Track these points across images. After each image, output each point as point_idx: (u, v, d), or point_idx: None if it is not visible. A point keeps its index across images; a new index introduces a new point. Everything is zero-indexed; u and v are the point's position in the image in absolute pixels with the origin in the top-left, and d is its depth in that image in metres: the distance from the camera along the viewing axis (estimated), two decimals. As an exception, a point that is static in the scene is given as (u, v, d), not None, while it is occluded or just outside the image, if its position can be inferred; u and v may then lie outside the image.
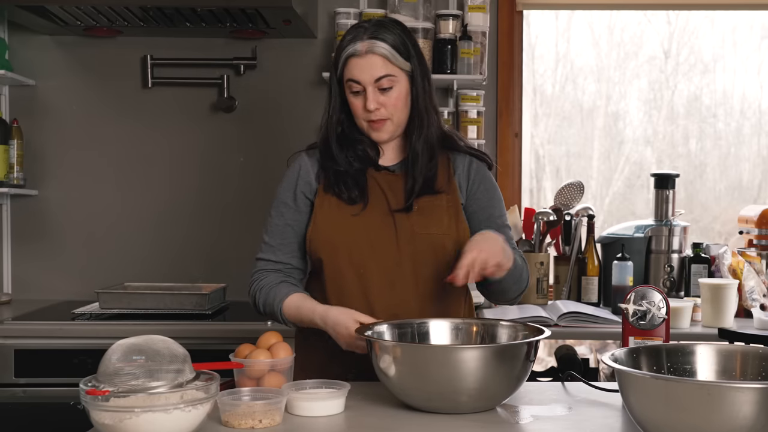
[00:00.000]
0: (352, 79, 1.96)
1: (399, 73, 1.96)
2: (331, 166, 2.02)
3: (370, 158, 2.04)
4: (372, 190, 2.01)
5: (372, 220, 1.99)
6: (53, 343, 2.76)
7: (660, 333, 1.83)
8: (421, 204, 2.00)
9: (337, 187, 2.00)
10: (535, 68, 3.73)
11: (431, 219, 1.99)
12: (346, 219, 1.99)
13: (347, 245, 1.98)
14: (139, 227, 3.42)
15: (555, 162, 3.79)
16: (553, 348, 3.29)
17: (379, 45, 1.95)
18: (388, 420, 1.62)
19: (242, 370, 1.73)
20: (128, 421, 1.41)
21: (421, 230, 1.98)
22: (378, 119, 1.97)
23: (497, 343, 1.81)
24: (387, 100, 1.96)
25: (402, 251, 1.98)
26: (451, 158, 2.06)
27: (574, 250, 3.16)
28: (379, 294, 1.98)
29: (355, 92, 1.97)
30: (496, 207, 2.07)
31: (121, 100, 3.42)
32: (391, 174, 2.04)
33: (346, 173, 2.01)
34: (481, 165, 2.08)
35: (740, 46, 3.72)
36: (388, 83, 1.95)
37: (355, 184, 2.00)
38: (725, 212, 3.76)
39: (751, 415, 1.27)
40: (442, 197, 2.01)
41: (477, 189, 2.05)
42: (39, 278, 3.40)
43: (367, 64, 1.94)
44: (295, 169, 2.07)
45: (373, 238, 1.98)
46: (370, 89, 1.95)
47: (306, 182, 2.05)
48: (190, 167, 3.43)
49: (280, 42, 3.37)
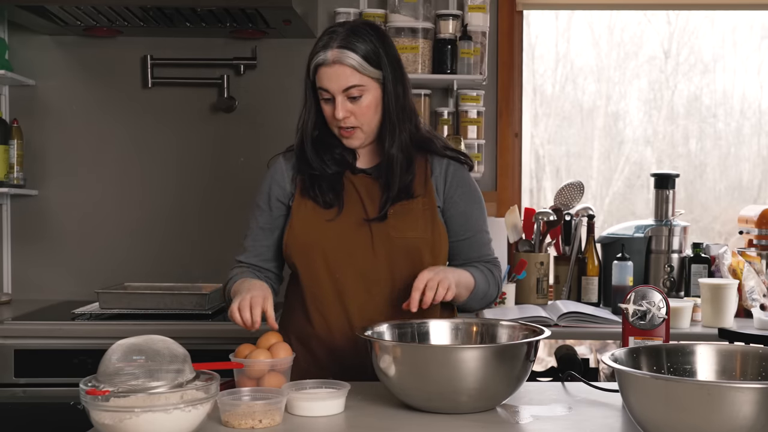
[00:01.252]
0: (321, 87, 1.96)
1: (369, 82, 1.95)
2: (306, 169, 2.02)
3: (346, 161, 2.04)
4: (348, 195, 2.01)
5: (347, 221, 1.99)
6: (53, 343, 2.76)
7: (660, 333, 1.83)
8: (397, 208, 1.99)
9: (312, 191, 2.00)
10: (535, 68, 3.73)
11: (406, 223, 1.99)
12: (322, 223, 1.99)
13: (322, 249, 1.98)
14: (139, 227, 3.42)
15: (555, 162, 3.79)
16: (553, 348, 3.29)
17: (348, 55, 1.92)
18: (388, 420, 1.62)
19: (242, 370, 1.73)
20: (128, 421, 1.41)
21: (396, 234, 1.98)
22: (348, 127, 1.97)
23: (497, 343, 1.81)
24: (356, 109, 1.96)
25: (378, 255, 1.98)
26: (429, 160, 2.06)
27: (574, 250, 3.16)
28: (354, 298, 1.98)
29: (326, 99, 1.97)
30: (474, 211, 2.08)
31: (121, 100, 3.42)
32: (368, 177, 2.04)
33: (321, 177, 2.01)
34: (460, 167, 2.08)
35: (740, 46, 3.72)
36: (357, 92, 1.94)
37: (331, 188, 2.00)
38: (725, 212, 3.76)
39: (751, 415, 1.27)
40: (417, 201, 2.01)
41: (455, 192, 2.05)
42: (39, 278, 3.40)
43: (335, 74, 1.93)
44: (270, 174, 2.08)
45: (349, 242, 1.98)
46: (339, 98, 1.94)
47: (280, 187, 2.05)
48: (190, 167, 3.43)
49: (280, 42, 3.37)
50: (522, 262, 3.04)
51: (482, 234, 2.08)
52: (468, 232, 2.06)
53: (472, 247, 2.08)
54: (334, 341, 2.00)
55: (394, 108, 1.99)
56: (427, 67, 3.21)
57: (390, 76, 1.97)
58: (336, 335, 2.00)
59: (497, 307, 2.97)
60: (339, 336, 2.00)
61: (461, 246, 2.07)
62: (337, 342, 2.00)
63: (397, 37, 3.18)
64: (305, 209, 2.01)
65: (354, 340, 1.95)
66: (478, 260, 2.09)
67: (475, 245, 2.08)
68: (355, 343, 1.95)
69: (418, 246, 1.99)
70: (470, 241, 2.07)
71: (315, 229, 1.99)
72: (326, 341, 2.01)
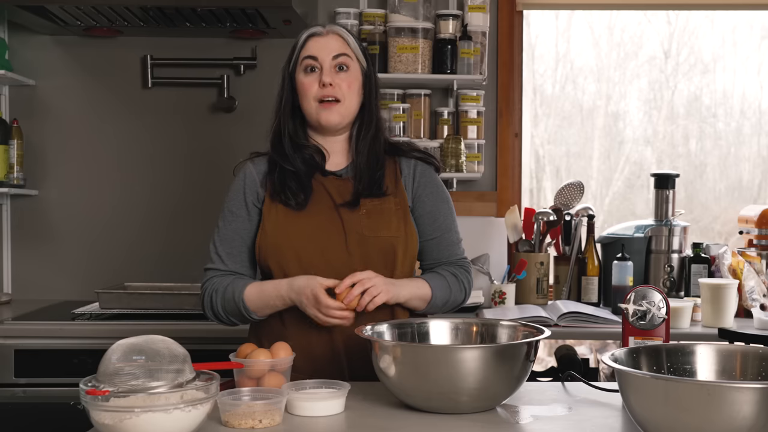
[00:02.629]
0: (310, 56, 2.01)
1: (355, 60, 2.04)
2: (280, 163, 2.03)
3: (316, 163, 2.04)
4: (319, 195, 2.02)
5: (319, 222, 1.99)
6: (53, 343, 2.76)
7: (660, 333, 1.83)
8: (370, 207, 2.00)
9: (283, 194, 2.00)
10: (535, 68, 3.73)
11: (380, 222, 1.99)
12: (293, 225, 1.98)
13: (295, 251, 1.97)
14: (139, 227, 3.42)
15: (555, 162, 3.79)
16: (553, 348, 3.29)
17: (340, 29, 2.05)
18: (388, 420, 1.62)
19: (242, 370, 1.73)
20: (128, 421, 1.41)
21: (370, 233, 1.98)
22: (330, 98, 2.00)
23: (497, 343, 1.81)
24: (341, 81, 2.00)
25: (352, 254, 1.98)
26: (397, 161, 2.08)
27: (574, 250, 3.16)
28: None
29: (311, 71, 2.01)
30: (442, 211, 2.08)
31: (121, 100, 3.42)
32: (338, 179, 2.04)
33: (292, 176, 2.01)
34: (427, 168, 2.10)
35: (740, 46, 3.72)
36: (344, 62, 2.01)
37: (301, 188, 2.00)
38: (725, 212, 3.76)
39: (751, 415, 1.27)
40: (390, 200, 2.02)
41: (423, 191, 2.06)
42: (39, 278, 3.40)
43: (327, 42, 2.02)
44: (241, 178, 2.07)
45: (322, 241, 1.98)
46: (326, 65, 2.00)
47: (253, 191, 2.04)
48: (190, 167, 3.43)
49: (280, 42, 3.37)
50: (522, 262, 3.04)
51: (450, 234, 2.09)
52: (436, 232, 2.07)
53: (440, 246, 2.08)
54: (310, 344, 1.98)
55: (373, 103, 2.06)
56: (427, 67, 3.21)
57: (372, 72, 2.07)
58: (312, 338, 1.98)
59: (497, 307, 2.97)
60: (315, 338, 1.98)
61: (430, 246, 2.08)
62: (313, 344, 1.98)
63: (397, 37, 3.18)
64: (276, 212, 2.00)
65: (329, 341, 1.96)
66: (447, 260, 2.09)
67: (443, 245, 2.08)
68: (332, 345, 1.96)
69: (393, 244, 1.99)
70: (438, 240, 2.08)
71: (287, 230, 1.98)
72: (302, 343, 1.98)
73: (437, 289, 2.03)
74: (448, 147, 3.21)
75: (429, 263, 2.10)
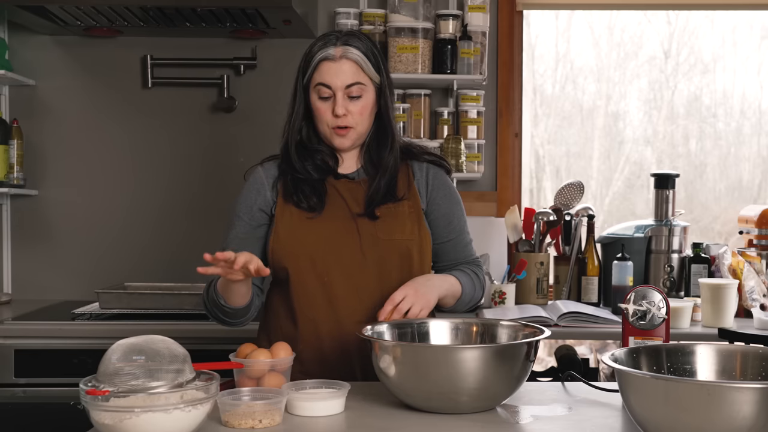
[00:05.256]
0: (322, 83, 1.97)
1: (368, 83, 1.99)
2: (290, 171, 2.02)
3: (329, 167, 2.04)
4: (332, 199, 2.01)
5: (334, 225, 1.99)
6: (53, 343, 2.76)
7: (660, 333, 1.83)
8: (384, 210, 2.00)
9: (296, 196, 2.00)
10: (535, 68, 3.73)
11: (394, 225, 2.00)
12: (307, 226, 1.98)
13: (309, 253, 1.97)
14: (139, 227, 3.42)
15: (555, 162, 3.79)
16: (553, 348, 3.29)
17: (352, 51, 1.96)
18: (388, 420, 1.62)
19: (242, 370, 1.73)
20: (128, 421, 1.41)
21: (384, 236, 1.99)
22: (344, 126, 1.98)
23: (497, 343, 1.81)
24: (354, 109, 1.98)
25: (367, 257, 1.98)
26: (409, 165, 2.08)
27: (574, 250, 3.16)
28: (344, 300, 1.98)
29: (324, 97, 1.98)
30: (456, 213, 2.10)
31: (121, 100, 3.42)
32: (350, 182, 2.04)
33: (304, 181, 2.01)
34: (439, 171, 2.10)
35: (740, 46, 3.72)
36: (357, 91, 1.97)
37: (313, 191, 2.00)
38: (725, 212, 3.76)
39: (751, 415, 1.27)
40: (404, 203, 2.02)
41: (437, 195, 2.07)
42: (39, 278, 3.40)
43: (339, 69, 1.96)
44: (251, 184, 2.06)
45: (337, 244, 1.98)
46: (339, 94, 1.96)
47: (262, 196, 2.04)
48: (190, 167, 3.43)
49: (280, 42, 3.37)
50: (522, 262, 3.04)
51: (464, 235, 2.12)
52: (451, 234, 2.09)
53: (456, 248, 2.10)
54: (321, 345, 1.99)
55: (389, 114, 2.04)
56: (427, 67, 3.21)
57: (386, 82, 2.03)
58: (324, 339, 1.99)
59: (497, 307, 2.97)
60: (327, 340, 1.98)
61: (445, 248, 2.09)
62: (324, 346, 1.99)
63: (397, 37, 3.18)
64: (289, 215, 2.00)
65: (342, 343, 1.96)
66: (463, 261, 2.11)
67: (459, 246, 2.10)
68: (342, 347, 1.96)
69: (408, 247, 2.00)
70: (454, 242, 2.10)
71: (301, 233, 1.98)
72: (313, 345, 1.99)
73: (466, 285, 2.06)
74: (448, 147, 3.21)
75: (445, 264, 2.11)
